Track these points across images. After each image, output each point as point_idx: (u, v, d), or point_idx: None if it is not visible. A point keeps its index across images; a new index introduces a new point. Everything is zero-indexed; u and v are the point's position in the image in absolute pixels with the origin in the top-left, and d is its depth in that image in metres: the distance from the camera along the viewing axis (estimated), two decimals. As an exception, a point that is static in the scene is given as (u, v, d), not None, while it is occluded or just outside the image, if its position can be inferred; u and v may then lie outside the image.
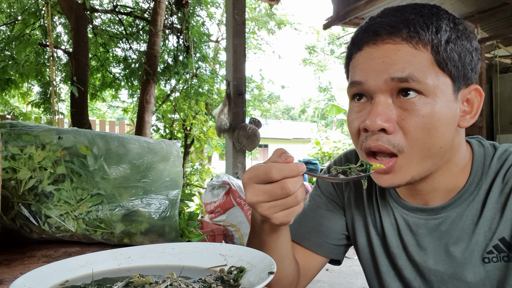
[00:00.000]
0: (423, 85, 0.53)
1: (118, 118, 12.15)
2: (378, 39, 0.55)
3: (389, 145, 0.55)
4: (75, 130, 0.75)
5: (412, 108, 0.54)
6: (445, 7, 0.60)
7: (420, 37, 0.54)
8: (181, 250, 0.57)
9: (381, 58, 0.55)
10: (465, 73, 0.57)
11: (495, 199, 0.59)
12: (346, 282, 2.84)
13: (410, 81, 0.53)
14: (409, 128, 0.55)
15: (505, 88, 4.92)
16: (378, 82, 0.55)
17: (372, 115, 0.55)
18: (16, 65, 4.60)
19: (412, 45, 0.54)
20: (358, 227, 0.74)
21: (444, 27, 0.55)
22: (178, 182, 0.73)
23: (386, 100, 0.55)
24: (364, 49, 0.57)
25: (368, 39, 0.57)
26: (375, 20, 0.58)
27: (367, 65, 0.56)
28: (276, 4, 5.20)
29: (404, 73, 0.53)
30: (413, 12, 0.56)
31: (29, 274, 0.46)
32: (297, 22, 10.11)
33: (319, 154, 8.04)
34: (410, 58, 0.54)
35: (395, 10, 0.57)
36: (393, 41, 0.55)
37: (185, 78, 5.03)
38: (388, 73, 0.54)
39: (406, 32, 0.54)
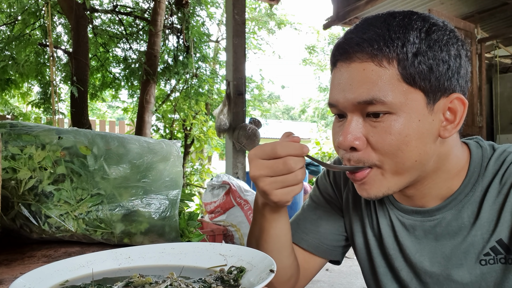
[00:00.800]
0: (389, 105, 0.54)
1: (118, 118, 12.15)
2: (348, 57, 0.56)
3: (358, 163, 0.57)
4: (75, 130, 0.75)
5: (380, 126, 0.55)
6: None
7: (384, 54, 0.53)
8: (181, 250, 0.58)
9: (348, 80, 0.56)
10: (441, 84, 0.55)
11: (493, 200, 0.59)
12: (346, 282, 2.84)
13: (375, 102, 0.54)
14: (377, 145, 0.56)
15: (505, 88, 4.92)
16: (346, 105, 0.57)
17: (343, 134, 0.57)
18: (16, 65, 4.60)
19: (377, 62, 0.54)
20: (356, 228, 0.74)
21: (412, 39, 0.53)
22: (178, 182, 0.73)
23: (357, 119, 0.57)
24: (338, 66, 0.59)
25: (339, 57, 0.58)
26: (347, 35, 0.58)
27: (338, 88, 0.58)
28: (276, 4, 5.20)
29: (368, 96, 0.54)
30: (382, 25, 0.55)
31: (29, 274, 0.46)
32: (297, 22, 10.11)
33: (319, 154, 8.04)
34: (375, 78, 0.54)
35: (368, 24, 0.57)
36: (359, 59, 0.55)
37: (185, 78, 5.03)
38: (354, 98, 0.55)
39: (370, 50, 0.54)
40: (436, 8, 3.98)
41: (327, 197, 0.78)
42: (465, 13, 4.33)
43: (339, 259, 0.79)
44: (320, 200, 0.78)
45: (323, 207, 0.78)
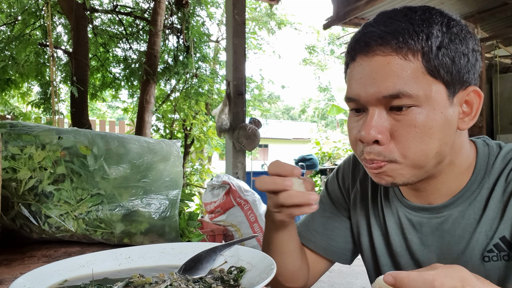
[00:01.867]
0: (415, 98, 0.54)
1: (118, 118, 12.15)
2: (369, 51, 0.56)
3: (379, 157, 0.57)
4: (75, 130, 0.75)
5: (404, 119, 0.55)
6: (445, 7, 0.60)
7: (410, 47, 0.54)
8: (181, 250, 0.58)
9: (371, 74, 0.55)
10: (461, 77, 0.56)
11: (498, 198, 0.60)
12: (346, 282, 2.84)
13: (401, 96, 0.54)
14: (401, 138, 0.55)
15: (505, 88, 4.92)
16: (370, 99, 0.56)
17: (366, 127, 0.56)
18: (16, 65, 4.60)
19: (402, 56, 0.54)
20: (362, 227, 0.75)
21: (435, 33, 0.54)
22: (178, 182, 0.73)
23: (380, 112, 0.56)
24: (357, 60, 0.58)
25: (360, 50, 0.57)
26: (367, 29, 0.58)
27: (360, 82, 0.57)
28: (276, 4, 5.20)
29: (394, 90, 0.54)
30: (404, 19, 0.55)
31: (29, 274, 0.46)
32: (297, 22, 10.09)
33: (319, 154, 8.03)
34: (400, 71, 0.54)
35: (388, 17, 0.57)
36: (383, 52, 0.55)
37: (185, 78, 5.03)
38: (379, 92, 0.55)
39: (395, 43, 0.54)
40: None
41: (336, 199, 0.79)
42: (465, 13, 4.33)
43: (348, 262, 0.80)
44: (329, 202, 0.79)
45: (332, 209, 0.79)
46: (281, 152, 18.20)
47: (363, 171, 0.76)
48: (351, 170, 0.78)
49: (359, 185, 0.75)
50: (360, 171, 0.77)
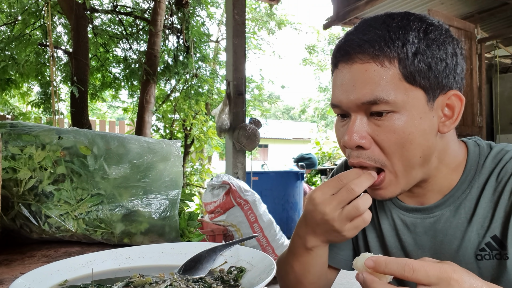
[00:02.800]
0: (392, 104, 0.55)
1: (118, 118, 12.15)
2: (349, 59, 0.57)
3: (370, 161, 0.58)
4: (75, 130, 0.75)
5: (384, 125, 0.56)
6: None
7: (386, 54, 0.55)
8: (181, 250, 0.58)
9: (351, 82, 0.57)
10: (439, 82, 0.56)
11: (489, 198, 0.60)
12: (346, 282, 2.84)
13: (378, 103, 0.55)
14: (383, 143, 0.57)
15: (505, 88, 4.92)
16: (350, 105, 0.58)
17: (348, 133, 0.57)
18: (16, 65, 4.60)
19: (379, 63, 0.55)
20: (370, 229, 0.75)
21: (411, 39, 0.55)
22: (178, 182, 0.73)
23: (361, 118, 0.58)
24: (339, 67, 0.59)
25: (341, 58, 0.59)
26: (348, 37, 0.59)
27: (341, 89, 0.58)
28: (276, 4, 5.20)
29: (372, 96, 0.55)
30: (381, 27, 0.56)
31: (29, 274, 0.46)
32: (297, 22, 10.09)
33: (319, 154, 8.03)
34: (377, 78, 0.55)
35: (367, 25, 0.58)
36: (361, 60, 0.56)
37: (185, 78, 5.02)
38: (358, 98, 0.56)
39: (372, 51, 0.55)
40: (436, 8, 3.98)
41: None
42: (465, 13, 4.33)
43: (349, 269, 0.80)
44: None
45: None
46: (281, 152, 18.19)
47: None
48: None
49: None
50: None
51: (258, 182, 3.93)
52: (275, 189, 4.03)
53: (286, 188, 4.11)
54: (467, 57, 3.93)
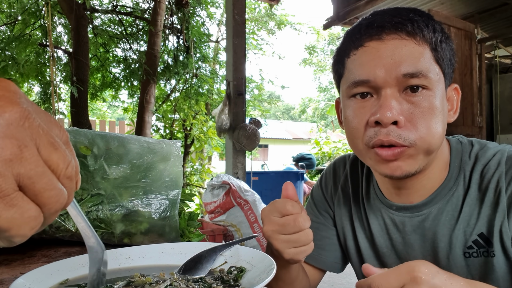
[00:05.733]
0: (429, 80, 0.56)
1: (118, 118, 12.15)
2: (384, 34, 0.56)
3: (399, 139, 0.56)
4: (75, 130, 0.75)
5: (418, 101, 0.56)
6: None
7: (423, 34, 0.56)
8: (181, 250, 0.58)
9: (389, 55, 0.56)
10: (450, 73, 0.61)
11: (474, 195, 0.61)
12: (346, 282, 2.84)
13: (420, 76, 0.55)
14: (416, 119, 0.56)
15: (505, 88, 4.92)
16: (388, 79, 0.56)
17: (385, 109, 0.55)
18: (17, 65, 4.60)
19: (416, 41, 0.56)
20: (347, 232, 0.76)
21: (437, 28, 0.59)
22: (178, 182, 0.73)
23: (395, 94, 0.57)
24: (367, 45, 0.57)
25: (371, 35, 0.57)
26: (376, 17, 0.59)
27: (374, 63, 0.56)
28: (276, 4, 5.20)
29: (414, 68, 0.55)
30: (411, 12, 0.59)
31: (29, 274, 0.46)
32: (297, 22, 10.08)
33: (319, 154, 8.03)
34: (417, 53, 0.56)
35: (393, 10, 0.59)
36: (399, 36, 0.56)
37: (185, 78, 5.02)
38: (399, 70, 0.55)
39: (411, 28, 0.56)
40: (436, 8, 3.98)
41: (321, 208, 0.80)
42: (465, 13, 4.33)
43: (339, 271, 0.81)
44: (316, 213, 0.81)
45: (319, 219, 0.80)
46: (281, 152, 18.18)
47: (343, 178, 0.77)
48: (332, 177, 0.79)
49: (341, 190, 0.77)
50: (340, 178, 0.78)
51: (258, 182, 3.93)
52: (275, 189, 4.03)
53: (286, 188, 4.10)
54: (467, 57, 3.93)
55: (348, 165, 0.78)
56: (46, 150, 0.25)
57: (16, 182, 0.23)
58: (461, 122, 3.85)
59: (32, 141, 0.24)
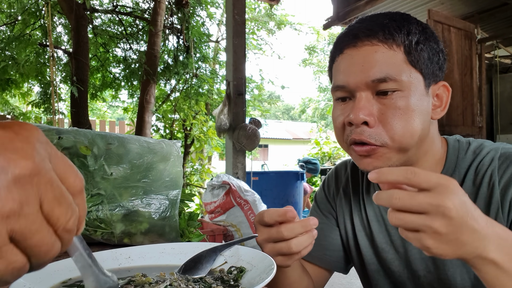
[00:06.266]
0: (399, 82, 0.59)
1: (118, 118, 12.15)
2: (358, 42, 0.61)
3: (371, 139, 0.60)
4: (75, 130, 0.75)
5: (390, 102, 0.60)
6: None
7: (394, 39, 0.59)
8: (181, 250, 0.58)
9: (360, 62, 0.60)
10: (434, 71, 0.62)
11: (469, 190, 0.62)
12: (346, 282, 2.84)
13: (388, 80, 0.58)
14: (387, 120, 0.59)
15: (505, 88, 4.92)
16: (359, 84, 0.60)
17: (356, 110, 0.60)
18: (17, 65, 4.60)
19: (388, 46, 0.59)
20: (348, 231, 0.77)
21: (413, 30, 0.61)
22: (178, 182, 0.73)
23: (369, 96, 0.61)
24: (345, 52, 0.62)
25: (348, 42, 0.62)
26: (354, 25, 0.63)
27: (348, 70, 0.61)
28: (276, 4, 5.20)
29: (381, 74, 0.58)
30: (386, 18, 0.62)
31: (29, 274, 0.46)
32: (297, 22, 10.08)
33: (319, 154, 8.04)
34: (386, 58, 0.59)
35: (371, 17, 0.64)
36: (370, 43, 0.60)
37: (185, 78, 5.03)
38: (367, 76, 0.59)
39: (382, 34, 0.59)
40: (436, 8, 3.98)
41: (325, 209, 0.82)
42: (465, 13, 4.33)
43: (344, 271, 0.82)
44: (319, 214, 0.82)
45: (322, 219, 0.81)
46: (281, 152, 18.19)
47: (345, 179, 0.80)
48: (334, 180, 0.83)
49: (342, 191, 0.79)
50: (342, 180, 0.81)
51: (258, 182, 3.93)
52: (275, 189, 4.03)
53: (286, 188, 4.11)
54: (467, 57, 3.93)
55: (349, 167, 0.81)
56: (49, 205, 0.25)
57: (9, 235, 0.23)
58: (461, 122, 3.85)
59: (36, 197, 0.24)
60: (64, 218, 0.25)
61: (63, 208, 0.25)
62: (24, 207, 0.23)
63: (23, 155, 0.23)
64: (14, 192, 0.23)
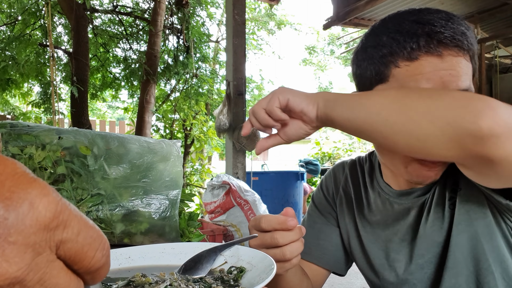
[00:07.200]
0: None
1: (118, 118, 12.16)
2: (443, 50, 0.57)
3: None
4: (75, 130, 0.75)
5: None
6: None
7: (473, 51, 0.59)
8: (181, 250, 0.58)
9: (447, 70, 0.57)
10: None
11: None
12: (346, 282, 2.84)
13: (469, 91, 0.59)
14: None
15: (505, 88, 4.92)
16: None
17: None
18: (17, 65, 4.61)
19: (468, 58, 0.59)
20: (350, 230, 0.77)
21: (475, 41, 0.61)
22: (178, 182, 0.73)
23: None
24: (424, 59, 0.57)
25: (431, 50, 0.57)
26: (433, 27, 0.57)
27: (433, 75, 0.57)
28: (276, 5, 5.21)
29: (465, 85, 0.58)
30: (460, 24, 0.59)
31: None
32: (297, 22, 10.09)
33: (319, 154, 8.04)
34: (467, 70, 0.59)
35: (449, 19, 0.58)
36: (455, 53, 0.58)
37: (185, 78, 5.03)
38: (455, 85, 0.57)
39: (466, 46, 0.58)
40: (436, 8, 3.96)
41: (323, 210, 0.82)
42: (465, 13, 4.33)
43: (342, 272, 0.82)
44: (318, 214, 0.82)
45: (321, 219, 0.81)
46: (281, 152, 18.18)
47: (344, 179, 0.80)
48: (332, 180, 0.82)
49: (342, 191, 0.79)
50: (341, 180, 0.81)
51: (258, 182, 3.93)
52: (275, 189, 4.03)
53: (286, 188, 4.11)
54: (467, 57, 3.93)
55: (347, 168, 0.81)
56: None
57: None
58: (461, 122, 3.85)
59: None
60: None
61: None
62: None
63: (5, 258, 0.18)
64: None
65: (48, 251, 0.20)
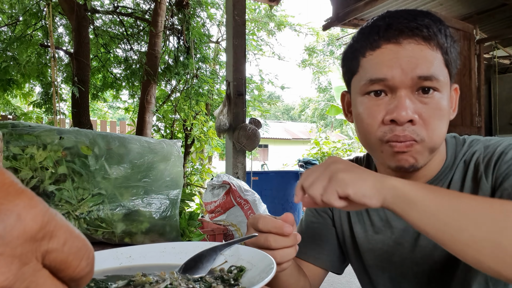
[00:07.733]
0: (440, 83, 0.60)
1: (119, 118, 12.16)
2: (401, 39, 0.59)
3: (413, 135, 0.60)
4: (76, 130, 0.76)
5: (430, 102, 0.60)
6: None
7: (438, 40, 0.60)
8: (181, 250, 0.58)
9: (407, 57, 0.59)
10: (454, 74, 0.64)
11: (469, 185, 0.64)
12: (345, 281, 2.84)
13: (432, 79, 0.59)
14: (429, 119, 0.60)
15: (503, 89, 4.92)
16: (404, 79, 0.59)
17: (401, 108, 0.59)
18: (18, 65, 4.61)
19: (431, 46, 0.59)
20: (345, 228, 0.78)
21: (448, 33, 0.62)
22: (179, 182, 0.74)
23: (409, 94, 0.60)
24: (385, 47, 0.60)
25: (390, 38, 0.60)
26: (392, 19, 0.60)
27: (393, 63, 0.59)
28: (276, 5, 5.21)
29: (428, 72, 0.58)
30: (425, 17, 0.61)
31: None
32: (297, 23, 10.08)
33: (319, 154, 8.03)
34: (431, 58, 0.59)
35: (408, 13, 0.61)
36: (415, 41, 0.59)
37: (186, 79, 5.03)
38: (415, 72, 0.58)
39: (427, 34, 0.59)
40: (435, 9, 3.98)
41: (319, 210, 0.82)
42: (464, 14, 4.33)
43: (338, 271, 0.83)
44: (314, 214, 0.82)
45: (316, 220, 0.82)
46: (281, 152, 18.17)
47: None
48: None
49: None
50: None
51: (258, 182, 3.93)
52: (275, 189, 4.03)
53: (286, 188, 4.11)
54: (466, 58, 3.93)
55: None
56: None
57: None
58: (459, 122, 3.85)
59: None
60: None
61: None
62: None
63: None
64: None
65: (35, 261, 0.20)
